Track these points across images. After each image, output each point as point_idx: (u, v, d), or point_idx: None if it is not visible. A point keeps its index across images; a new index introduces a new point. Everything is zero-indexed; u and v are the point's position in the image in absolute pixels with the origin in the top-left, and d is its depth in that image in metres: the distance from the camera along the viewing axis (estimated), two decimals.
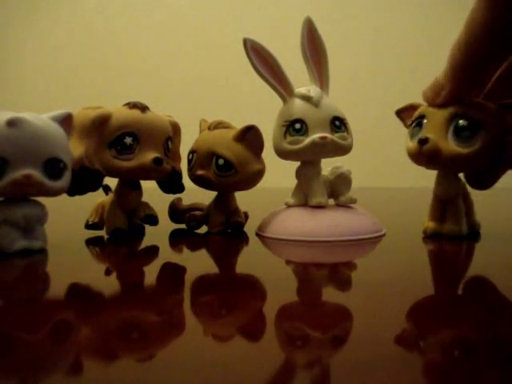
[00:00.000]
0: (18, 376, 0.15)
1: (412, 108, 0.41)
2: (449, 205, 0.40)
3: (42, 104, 0.66)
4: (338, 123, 0.38)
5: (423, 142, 0.36)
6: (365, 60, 1.35)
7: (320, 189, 0.40)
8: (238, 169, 0.40)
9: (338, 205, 0.41)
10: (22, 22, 1.37)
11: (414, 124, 0.39)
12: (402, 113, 0.43)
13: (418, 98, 0.39)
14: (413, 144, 0.38)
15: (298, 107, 0.38)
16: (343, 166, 0.42)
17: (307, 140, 0.38)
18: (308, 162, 0.40)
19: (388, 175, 0.59)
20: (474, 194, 0.41)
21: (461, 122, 0.36)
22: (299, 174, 0.41)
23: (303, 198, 0.40)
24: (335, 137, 0.38)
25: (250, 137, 0.40)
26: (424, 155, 0.37)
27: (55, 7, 1.38)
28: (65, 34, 1.37)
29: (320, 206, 0.39)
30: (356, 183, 0.42)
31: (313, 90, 0.39)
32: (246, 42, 0.37)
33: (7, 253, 0.32)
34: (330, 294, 0.25)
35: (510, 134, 0.36)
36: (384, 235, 0.40)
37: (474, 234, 0.41)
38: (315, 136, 0.37)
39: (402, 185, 0.40)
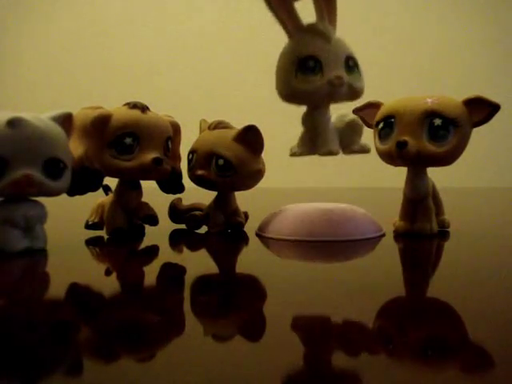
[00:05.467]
0: (18, 376, 0.15)
1: (372, 106, 0.41)
2: (419, 204, 0.40)
3: (42, 104, 0.66)
4: (351, 63, 0.36)
5: (402, 145, 0.36)
6: (367, 58, 1.35)
7: (331, 136, 0.36)
8: (238, 169, 0.40)
9: (338, 204, 0.41)
10: (22, 21, 1.37)
11: (381, 124, 0.39)
12: (361, 111, 0.42)
13: None
14: (387, 146, 0.38)
15: (310, 43, 0.35)
16: (349, 114, 0.39)
17: (322, 80, 0.34)
18: (317, 106, 0.37)
19: (388, 175, 0.59)
20: (443, 194, 0.43)
21: (436, 121, 0.36)
22: (307, 120, 0.37)
23: (311, 146, 0.37)
24: (350, 78, 0.35)
25: (249, 137, 0.40)
26: (403, 158, 0.37)
27: (56, 8, 1.38)
28: (65, 34, 1.37)
29: (322, 209, 0.39)
30: (356, 183, 0.43)
31: (323, 24, 0.35)
32: None
33: (7, 253, 0.32)
34: (329, 294, 0.25)
35: None
36: (384, 235, 0.40)
37: (443, 232, 0.42)
38: (331, 76, 0.34)
39: (401, 185, 0.40)
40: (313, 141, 0.36)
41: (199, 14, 1.37)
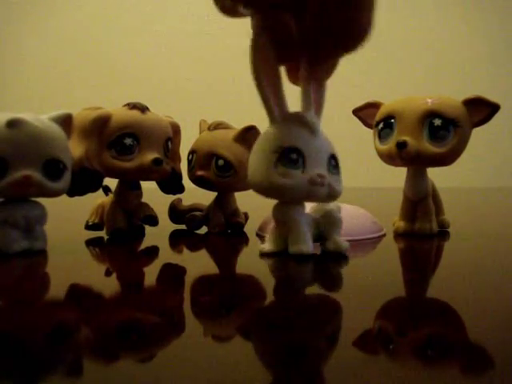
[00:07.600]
0: (18, 376, 0.15)
1: (371, 106, 0.41)
2: (419, 204, 0.40)
3: (42, 104, 0.66)
4: (333, 163, 0.31)
5: (401, 145, 0.36)
6: (367, 58, 1.35)
7: (302, 234, 0.32)
8: (238, 169, 0.40)
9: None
10: (22, 22, 1.37)
11: (381, 124, 0.39)
12: (361, 112, 0.42)
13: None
14: (387, 146, 0.38)
15: (295, 133, 0.31)
16: (328, 204, 0.34)
17: (304, 176, 0.30)
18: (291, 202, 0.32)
19: (388, 175, 0.59)
20: (443, 194, 0.43)
21: (435, 121, 0.37)
22: (277, 213, 0.33)
23: (282, 243, 0.33)
24: (332, 179, 0.31)
25: (249, 137, 0.40)
26: (403, 158, 0.37)
27: (56, 8, 1.38)
28: (65, 34, 1.37)
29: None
30: (356, 183, 0.43)
31: (311, 115, 0.31)
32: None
33: (7, 253, 0.32)
34: (329, 294, 0.25)
35: None
36: (384, 235, 0.40)
37: (443, 232, 0.42)
38: (314, 173, 0.30)
39: (401, 185, 0.40)
40: (283, 237, 0.33)
41: (200, 14, 1.37)
